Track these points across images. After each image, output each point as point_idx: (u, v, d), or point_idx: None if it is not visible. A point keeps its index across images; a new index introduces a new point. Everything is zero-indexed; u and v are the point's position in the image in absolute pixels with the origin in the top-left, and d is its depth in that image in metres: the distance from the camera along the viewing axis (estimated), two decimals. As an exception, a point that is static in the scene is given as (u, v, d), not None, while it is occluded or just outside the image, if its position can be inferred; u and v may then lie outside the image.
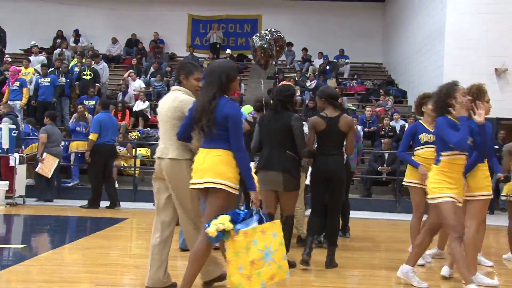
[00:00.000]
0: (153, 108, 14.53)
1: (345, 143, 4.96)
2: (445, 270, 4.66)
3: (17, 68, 13.17)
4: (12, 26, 16.71)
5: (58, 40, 17.53)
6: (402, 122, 12.86)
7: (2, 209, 8.55)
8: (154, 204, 4.00)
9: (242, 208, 4.68)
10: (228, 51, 17.44)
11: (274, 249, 3.41)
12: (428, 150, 5.08)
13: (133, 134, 12.46)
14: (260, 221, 3.42)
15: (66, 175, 11.11)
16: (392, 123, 12.68)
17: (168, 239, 3.83)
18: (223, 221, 3.29)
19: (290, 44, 17.75)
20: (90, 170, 9.31)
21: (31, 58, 14.54)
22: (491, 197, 4.48)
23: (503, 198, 5.75)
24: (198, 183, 3.43)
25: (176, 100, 3.76)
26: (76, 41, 17.99)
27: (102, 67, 14.41)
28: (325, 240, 5.38)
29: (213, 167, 3.39)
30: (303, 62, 17.60)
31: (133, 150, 11.14)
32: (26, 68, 13.45)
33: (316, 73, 16.23)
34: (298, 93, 14.90)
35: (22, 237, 6.85)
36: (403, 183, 5.46)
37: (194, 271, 3.46)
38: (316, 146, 4.98)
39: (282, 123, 4.73)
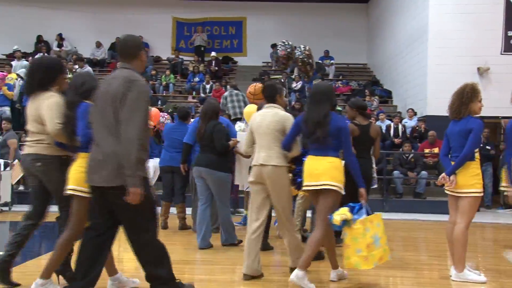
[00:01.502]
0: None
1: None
2: None
3: (4, 73, 12.97)
4: (-6, 31, 16.53)
5: (40, 45, 17.34)
6: (388, 122, 12.96)
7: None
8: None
9: (245, 213, 5.48)
10: (213, 53, 17.42)
11: (380, 236, 4.17)
12: None
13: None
14: (367, 213, 4.15)
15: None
16: (378, 123, 12.76)
17: (261, 235, 4.46)
18: (344, 212, 4.07)
19: (275, 46, 17.79)
20: None
21: (14, 63, 14.37)
22: (481, 194, 4.53)
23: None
24: (314, 185, 4.14)
25: (277, 116, 4.49)
26: (60, 45, 17.81)
27: (87, 71, 14.30)
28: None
29: (328, 172, 4.09)
30: (288, 64, 17.63)
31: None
32: (9, 73, 13.30)
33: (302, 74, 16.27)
34: (284, 95, 14.91)
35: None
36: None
37: (310, 254, 4.12)
38: None
39: None
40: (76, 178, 3.64)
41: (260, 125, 4.48)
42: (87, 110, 3.58)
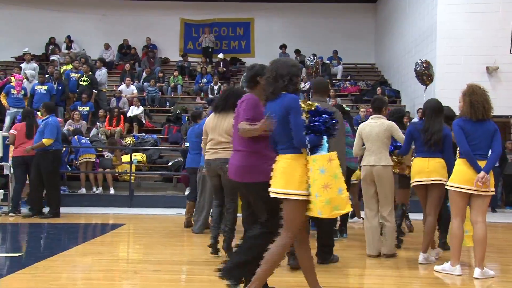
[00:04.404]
0: (147, 113, 14.52)
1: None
2: None
3: (20, 75, 13.03)
4: (3, 34, 16.66)
5: (51, 47, 17.45)
6: (396, 122, 12.89)
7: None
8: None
9: None
10: (221, 55, 17.46)
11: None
12: None
13: (128, 140, 12.44)
14: None
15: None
16: (386, 123, 12.70)
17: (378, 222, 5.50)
18: None
19: (283, 47, 17.81)
20: (54, 177, 8.68)
21: (23, 65, 14.46)
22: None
23: None
24: (426, 181, 5.14)
25: (384, 125, 5.48)
26: (69, 47, 17.93)
27: (100, 74, 14.45)
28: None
29: (438, 169, 5.12)
30: (296, 64, 17.60)
31: (129, 155, 11.12)
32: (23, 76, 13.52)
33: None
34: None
35: (17, 245, 6.80)
36: None
37: (430, 238, 5.28)
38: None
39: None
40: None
41: (370, 134, 5.46)
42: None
